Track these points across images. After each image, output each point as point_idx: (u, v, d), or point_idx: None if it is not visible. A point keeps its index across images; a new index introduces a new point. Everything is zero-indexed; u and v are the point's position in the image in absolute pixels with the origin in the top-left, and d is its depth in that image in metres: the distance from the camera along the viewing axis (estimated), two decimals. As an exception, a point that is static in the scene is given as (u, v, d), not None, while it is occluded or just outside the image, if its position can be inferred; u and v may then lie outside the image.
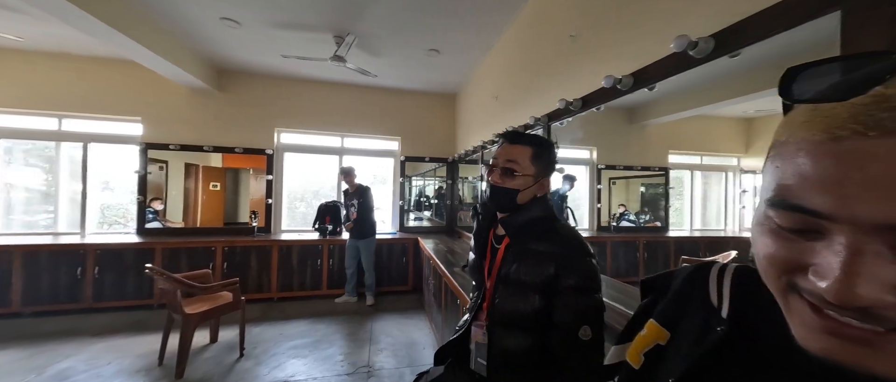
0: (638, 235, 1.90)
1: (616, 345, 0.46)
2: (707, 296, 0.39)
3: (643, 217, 1.91)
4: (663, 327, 0.40)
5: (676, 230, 1.73)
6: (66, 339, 2.63)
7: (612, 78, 1.25)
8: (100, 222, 4.02)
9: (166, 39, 2.85)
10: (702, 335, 0.37)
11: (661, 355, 0.39)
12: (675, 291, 0.43)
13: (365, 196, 3.47)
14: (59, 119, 3.52)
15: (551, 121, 1.87)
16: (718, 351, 0.34)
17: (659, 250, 1.84)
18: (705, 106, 1.36)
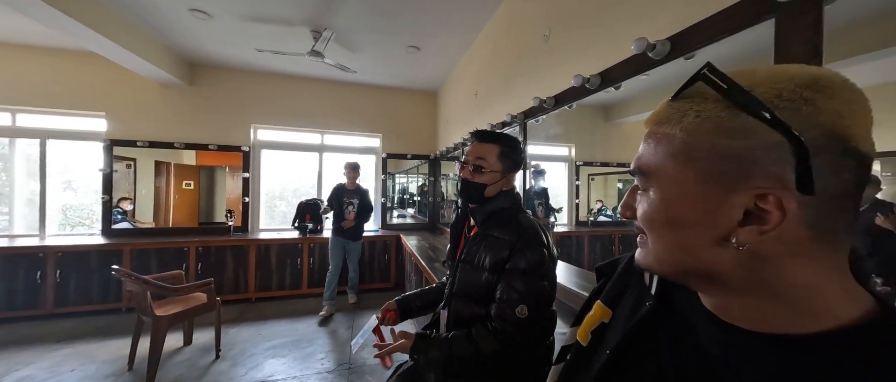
0: (614, 229, 1.98)
1: (571, 327, 0.50)
2: (642, 276, 0.44)
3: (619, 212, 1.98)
4: (607, 306, 0.45)
5: None
6: (24, 347, 2.49)
7: (581, 77, 1.30)
8: (61, 223, 3.80)
9: (130, 30, 2.71)
10: (634, 310, 0.41)
11: (605, 331, 0.43)
12: (618, 274, 0.48)
13: (367, 197, 3.35)
14: (12, 114, 3.29)
15: (527, 118, 1.92)
16: (648, 323, 0.38)
17: (633, 243, 1.93)
18: None
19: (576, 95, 1.45)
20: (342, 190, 3.30)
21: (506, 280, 0.86)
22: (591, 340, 0.44)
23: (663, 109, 0.33)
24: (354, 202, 3.28)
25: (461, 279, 0.94)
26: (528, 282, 0.84)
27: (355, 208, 3.26)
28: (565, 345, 0.49)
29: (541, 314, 0.85)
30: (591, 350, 0.43)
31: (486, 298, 0.89)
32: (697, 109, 0.30)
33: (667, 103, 0.33)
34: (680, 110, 0.31)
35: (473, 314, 0.90)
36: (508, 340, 0.82)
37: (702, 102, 0.30)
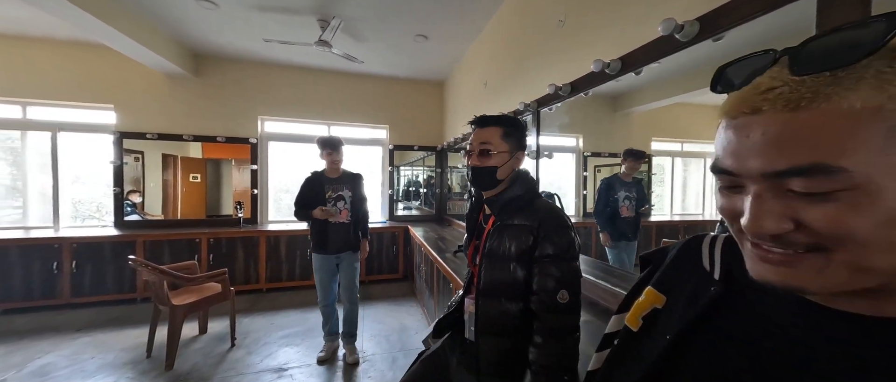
0: None
1: (615, 315, 0.50)
2: (699, 262, 0.43)
3: None
4: (660, 292, 0.44)
5: (658, 216, 1.80)
6: (44, 335, 2.54)
7: (601, 62, 1.27)
8: (72, 216, 3.84)
9: (137, 20, 2.70)
10: (695, 296, 0.41)
11: (658, 317, 0.43)
12: (671, 260, 0.47)
13: (360, 186, 2.36)
14: (23, 107, 3.30)
15: (541, 106, 1.89)
16: (712, 308, 0.38)
17: (641, 234, 1.92)
18: (686, 94, 1.41)
19: (594, 82, 1.42)
20: (320, 180, 2.25)
21: (539, 269, 0.84)
22: (642, 325, 0.44)
23: (836, 81, 0.24)
24: (344, 195, 2.27)
25: (487, 276, 0.92)
26: (561, 266, 0.83)
27: (347, 203, 2.26)
28: (609, 332, 0.49)
29: (579, 297, 0.84)
30: (642, 335, 0.43)
31: (516, 292, 0.87)
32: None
33: (831, 76, 0.25)
34: (876, 77, 0.23)
35: (503, 314, 0.88)
36: (562, 330, 0.81)
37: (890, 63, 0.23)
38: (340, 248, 2.26)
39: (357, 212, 2.31)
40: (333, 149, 2.24)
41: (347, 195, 2.29)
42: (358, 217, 2.32)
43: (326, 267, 2.26)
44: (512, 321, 0.88)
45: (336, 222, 2.23)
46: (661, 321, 0.42)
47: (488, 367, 0.89)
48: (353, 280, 2.31)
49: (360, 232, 2.35)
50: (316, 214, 2.14)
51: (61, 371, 2.09)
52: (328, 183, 2.25)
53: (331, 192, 2.24)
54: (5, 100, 3.24)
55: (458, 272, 1.92)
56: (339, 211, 2.25)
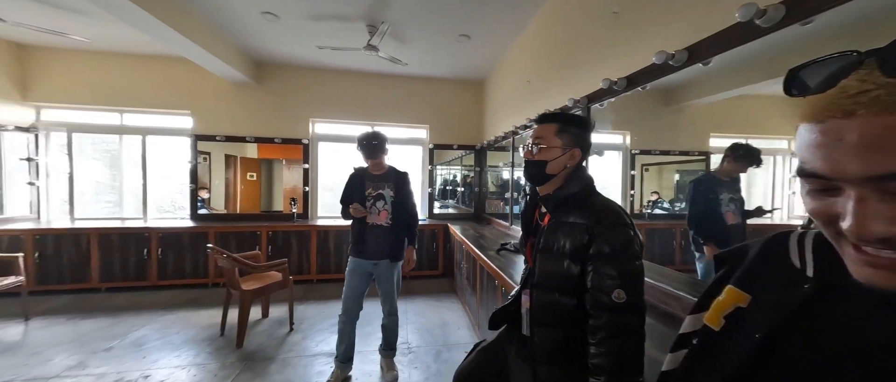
0: (675, 223, 1.86)
1: (691, 315, 0.50)
2: (787, 259, 0.42)
3: (678, 205, 1.86)
4: (743, 291, 0.43)
5: None
6: (138, 311, 2.95)
7: (665, 54, 1.22)
8: (156, 210, 4.38)
9: (212, 35, 3.02)
10: (785, 293, 0.40)
11: (742, 315, 0.42)
12: (753, 257, 0.46)
13: (406, 185, 2.11)
14: (120, 114, 3.84)
15: (591, 102, 1.85)
16: (807, 305, 0.37)
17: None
18: (755, 84, 1.30)
19: (654, 75, 1.36)
20: (361, 177, 2.06)
21: (593, 267, 0.83)
22: (724, 324, 0.43)
23: None
24: (385, 194, 2.03)
25: (541, 269, 0.93)
26: (618, 265, 0.81)
27: (388, 203, 2.02)
28: (685, 332, 0.49)
29: (639, 297, 0.82)
30: (724, 334, 0.43)
31: (570, 287, 0.87)
32: None
33: None
34: None
35: (556, 303, 0.89)
36: (619, 329, 0.79)
37: None
38: (377, 254, 1.99)
39: (400, 214, 2.04)
40: (371, 154, 1.98)
41: (389, 195, 2.02)
42: (402, 220, 2.05)
43: (358, 272, 2.01)
44: (566, 314, 0.88)
45: (373, 223, 2.00)
46: (747, 320, 0.41)
47: (544, 357, 0.91)
48: (390, 292, 2.06)
49: (405, 238, 2.08)
50: (350, 212, 1.96)
51: (154, 343, 2.42)
52: (369, 180, 2.04)
53: (371, 190, 2.02)
54: (106, 108, 3.78)
55: (505, 270, 1.93)
56: (378, 212, 1.99)
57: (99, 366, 2.12)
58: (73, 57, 3.62)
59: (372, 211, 2.00)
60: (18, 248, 3.09)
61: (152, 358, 2.22)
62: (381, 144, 2.01)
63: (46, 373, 2.04)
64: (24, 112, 3.59)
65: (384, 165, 2.08)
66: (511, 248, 2.44)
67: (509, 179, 3.51)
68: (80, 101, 3.69)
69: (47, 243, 3.24)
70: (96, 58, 3.66)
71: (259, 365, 2.16)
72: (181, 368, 2.12)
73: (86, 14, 2.80)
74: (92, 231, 3.32)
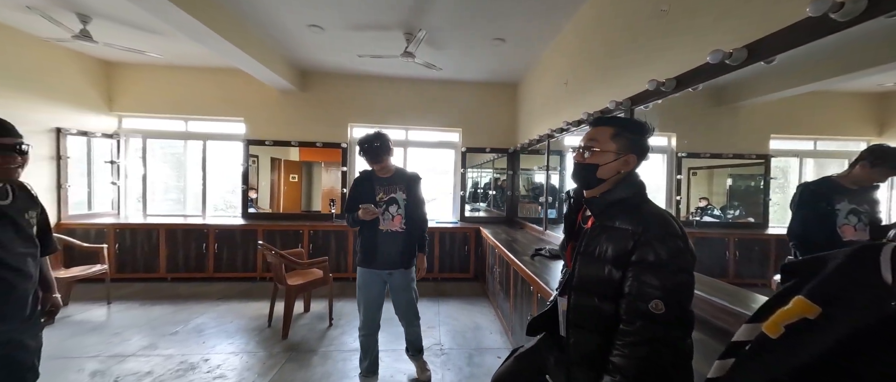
0: (727, 231, 1.73)
1: (747, 323, 0.49)
2: (875, 274, 0.40)
3: (732, 213, 1.73)
4: (814, 303, 0.42)
5: (779, 227, 1.54)
6: (198, 300, 3.25)
7: (720, 53, 1.15)
8: (212, 208, 4.81)
9: (263, 47, 3.28)
10: (868, 310, 0.38)
11: (809, 328, 0.41)
12: (834, 269, 0.44)
13: (417, 188, 1.98)
14: (185, 121, 4.27)
15: (635, 104, 1.77)
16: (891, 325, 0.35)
17: (755, 249, 1.66)
18: (826, 80, 1.18)
19: (708, 74, 1.28)
20: (370, 180, 1.93)
21: (634, 275, 0.80)
22: (783, 333, 0.42)
23: None
24: (398, 198, 1.90)
25: (581, 272, 0.91)
26: (661, 275, 0.77)
27: (401, 208, 1.90)
28: (738, 341, 0.48)
29: (684, 311, 0.77)
30: (780, 343, 0.42)
31: (610, 293, 0.85)
32: None
33: None
34: None
35: (595, 307, 0.87)
36: (652, 339, 0.76)
37: None
38: (391, 262, 1.87)
39: (413, 219, 1.92)
40: (375, 158, 1.84)
41: (401, 199, 1.91)
42: (415, 225, 1.93)
43: (373, 285, 1.89)
44: (604, 319, 0.85)
45: (387, 230, 1.86)
46: (814, 332, 0.40)
47: (579, 359, 0.89)
48: (409, 301, 1.97)
49: (415, 245, 1.96)
50: (360, 214, 1.80)
51: (211, 330, 2.66)
52: (379, 184, 1.90)
53: (382, 194, 1.89)
54: (174, 117, 4.23)
55: (540, 276, 1.90)
56: (391, 217, 1.88)
57: (167, 348, 2.37)
58: (148, 71, 4.09)
59: (385, 217, 1.86)
60: (103, 240, 3.53)
61: (210, 344, 2.44)
62: (385, 145, 1.86)
63: (125, 351, 2.31)
64: (109, 121, 4.11)
65: (391, 166, 1.94)
66: (546, 253, 2.40)
67: (544, 182, 3.44)
68: (153, 110, 4.16)
69: (126, 236, 3.68)
70: (167, 72, 4.10)
71: (302, 357, 2.30)
72: (234, 354, 2.31)
73: (160, 33, 3.16)
74: (161, 227, 3.72)
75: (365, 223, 1.86)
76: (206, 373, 2.09)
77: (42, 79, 3.37)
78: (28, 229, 1.17)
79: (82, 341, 2.43)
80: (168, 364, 2.18)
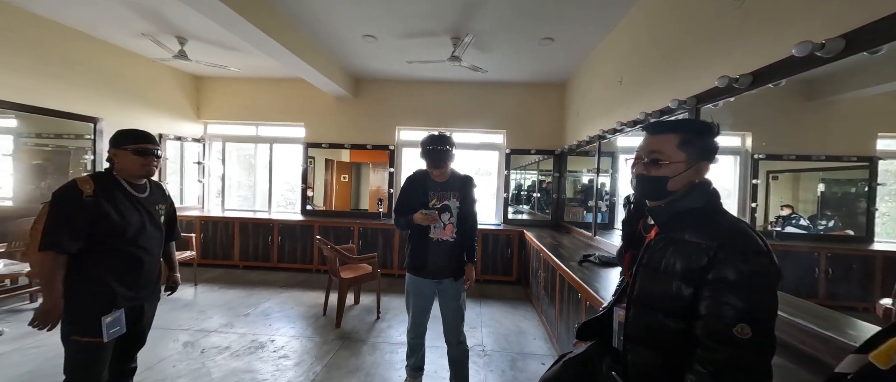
0: (818, 245, 1.50)
1: (854, 354, 0.45)
2: None
3: (823, 224, 1.50)
4: None
5: (888, 243, 1.31)
6: (264, 287, 3.63)
7: (809, 44, 1.02)
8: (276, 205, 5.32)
9: (323, 58, 3.56)
10: None
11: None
12: None
13: (471, 192, 1.86)
14: (256, 126, 4.79)
15: (701, 103, 1.63)
16: None
17: (854, 266, 1.42)
18: None
19: (793, 69, 1.14)
20: (423, 182, 1.82)
21: (712, 294, 0.73)
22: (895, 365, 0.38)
23: None
24: (451, 205, 1.79)
25: (642, 286, 0.86)
26: (745, 296, 0.70)
27: (454, 216, 1.79)
28: (841, 372, 0.44)
29: (769, 336, 0.70)
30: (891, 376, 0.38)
31: (678, 311, 0.79)
32: None
33: None
34: None
35: (659, 324, 0.82)
36: (737, 367, 0.69)
37: None
38: (441, 272, 1.77)
39: (464, 227, 1.79)
40: (436, 163, 1.74)
41: (455, 207, 1.78)
42: (465, 234, 1.80)
43: (422, 293, 1.82)
44: (668, 337, 0.80)
45: (437, 239, 1.76)
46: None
47: (638, 376, 0.85)
48: (457, 314, 1.82)
49: (465, 254, 1.82)
50: (417, 219, 1.70)
51: (276, 314, 2.96)
52: (433, 188, 1.79)
53: (435, 199, 1.77)
54: (247, 122, 4.77)
55: (589, 283, 1.83)
56: (443, 225, 1.76)
57: (241, 327, 2.69)
58: (228, 84, 4.67)
59: (436, 225, 1.75)
60: (191, 230, 4.10)
61: (276, 326, 2.72)
62: (449, 151, 1.74)
63: (209, 327, 2.67)
64: (197, 128, 4.76)
65: (447, 171, 1.81)
66: (596, 260, 2.29)
67: (593, 186, 3.28)
68: (230, 117, 4.73)
69: (208, 227, 4.24)
70: (242, 83, 4.65)
71: (354, 345, 2.47)
72: (295, 338, 2.55)
73: (239, 50, 3.59)
74: (235, 220, 4.22)
75: (416, 229, 1.76)
76: (272, 352, 2.34)
77: (148, 93, 4.02)
78: (157, 218, 1.44)
79: (177, 316, 2.85)
80: (242, 341, 2.47)
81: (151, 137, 1.40)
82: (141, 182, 1.41)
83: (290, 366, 2.18)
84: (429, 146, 1.74)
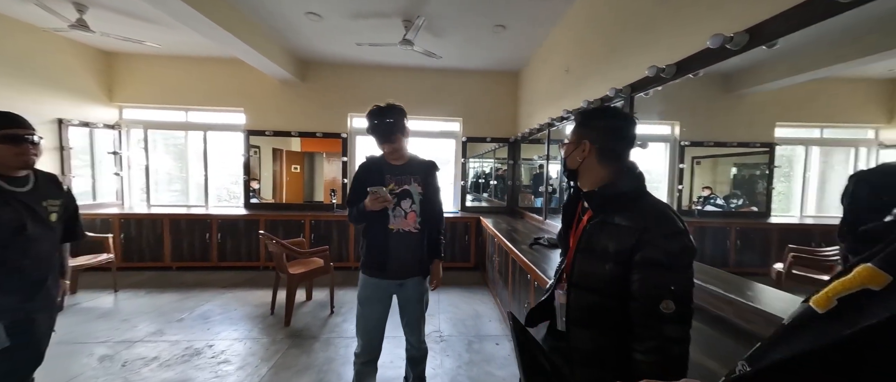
0: (729, 220, 1.72)
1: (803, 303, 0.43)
2: None
3: (735, 202, 1.72)
4: (884, 271, 0.36)
5: (782, 217, 1.53)
6: (203, 288, 3.31)
7: (721, 37, 1.12)
8: (216, 198, 4.85)
9: (262, 37, 3.24)
10: None
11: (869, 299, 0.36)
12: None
13: (434, 179, 1.67)
14: (185, 112, 4.27)
15: (635, 92, 1.75)
16: None
17: (756, 238, 1.66)
18: (835, 65, 1.16)
19: (709, 60, 1.26)
20: (379, 167, 1.58)
21: (641, 274, 0.79)
22: (834, 307, 0.38)
23: None
24: (412, 191, 1.57)
25: (580, 269, 0.91)
26: (668, 275, 0.77)
27: (416, 203, 1.56)
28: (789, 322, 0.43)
29: (690, 307, 0.78)
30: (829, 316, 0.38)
31: (613, 290, 0.84)
32: None
33: None
34: None
35: (597, 304, 0.87)
36: (666, 339, 0.76)
37: None
38: (405, 271, 1.54)
39: (429, 216, 1.58)
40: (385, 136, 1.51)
41: (417, 192, 1.56)
42: (430, 224, 1.60)
43: (378, 300, 1.54)
44: (606, 316, 0.85)
45: (398, 230, 1.51)
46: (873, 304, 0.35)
47: (582, 358, 0.89)
48: (420, 317, 1.64)
49: (432, 248, 1.63)
50: (368, 204, 1.44)
51: (217, 317, 2.72)
52: (391, 172, 1.56)
53: (393, 184, 1.54)
54: (174, 107, 4.23)
55: (538, 265, 1.91)
56: (404, 214, 1.53)
57: (174, 334, 2.42)
58: (148, 62, 4.08)
59: (396, 213, 1.52)
60: (108, 229, 3.58)
61: (216, 330, 2.50)
62: (399, 121, 1.50)
63: (134, 337, 2.37)
64: (110, 112, 4.12)
65: (405, 152, 1.60)
66: (545, 242, 2.41)
67: (544, 172, 3.42)
68: (153, 101, 4.16)
69: (130, 226, 3.74)
70: (166, 62, 4.09)
71: (305, 343, 2.35)
72: (239, 341, 2.36)
73: (157, 23, 3.13)
74: (165, 216, 3.76)
75: (372, 220, 1.51)
76: (210, 358, 2.14)
77: (41, 69, 3.37)
78: (45, 216, 1.23)
79: (91, 327, 2.49)
80: (174, 349, 2.23)
81: (23, 121, 1.18)
82: (20, 175, 1.18)
83: (232, 371, 2.02)
84: (374, 119, 1.51)
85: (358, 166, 1.63)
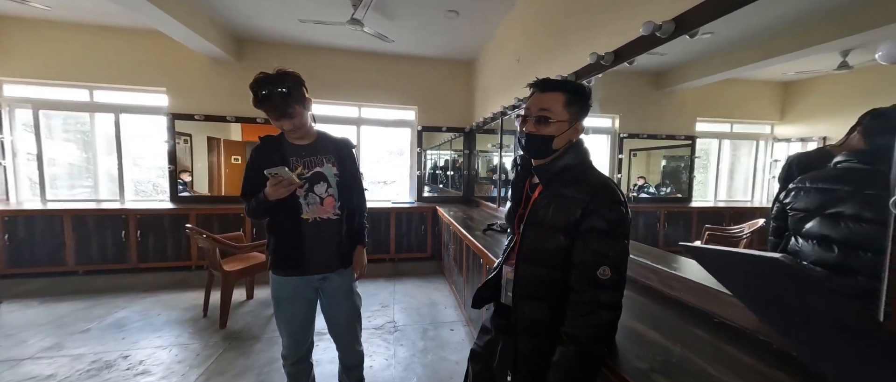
0: (659, 205, 1.90)
1: None
2: None
3: (664, 190, 1.90)
4: None
5: (700, 202, 1.71)
6: (119, 294, 2.88)
7: (652, 24, 1.19)
8: (134, 193, 4.24)
9: (186, 5, 2.85)
10: None
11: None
12: None
13: (351, 160, 1.44)
14: (90, 90, 3.63)
15: (579, 79, 1.82)
16: None
17: (680, 220, 1.85)
18: (739, 68, 1.31)
19: (642, 47, 1.34)
20: (279, 148, 1.34)
21: (583, 242, 0.81)
22: None
23: None
24: (326, 172, 1.35)
25: (529, 242, 0.91)
26: (608, 242, 0.79)
27: (333, 185, 1.35)
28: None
29: (624, 274, 0.81)
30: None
31: (560, 262, 0.86)
32: None
33: None
34: None
35: (545, 276, 0.88)
36: (600, 304, 0.78)
37: None
38: (327, 264, 1.35)
39: (350, 200, 1.39)
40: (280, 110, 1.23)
41: (332, 173, 1.35)
42: (351, 209, 1.40)
43: (300, 297, 1.34)
44: (553, 287, 0.87)
45: (315, 219, 1.30)
46: None
47: (526, 329, 0.90)
48: (352, 311, 1.44)
49: (354, 235, 1.43)
50: (270, 192, 1.18)
51: (135, 324, 2.38)
52: (294, 153, 1.32)
53: (301, 168, 1.30)
54: (75, 84, 3.58)
55: (490, 249, 1.94)
56: (319, 200, 1.31)
57: (77, 347, 2.07)
58: (36, 28, 3.38)
59: (309, 200, 1.29)
60: (-14, 230, 2.95)
61: (132, 339, 2.18)
62: (296, 91, 1.23)
63: (21, 354, 1.98)
64: (-15, 87, 3.37)
65: (310, 128, 1.35)
66: (498, 227, 2.46)
67: (498, 161, 3.49)
68: (45, 76, 3.47)
69: (18, 225, 3.11)
70: (62, 29, 3.43)
71: (244, 344, 2.15)
72: (162, 348, 2.09)
73: (45, -21, 2.60)
74: (65, 213, 3.19)
75: (279, 212, 1.27)
76: (125, 370, 1.86)
77: None
78: None
79: (-40, 348, 2.04)
80: (77, 364, 1.90)
81: None
82: None
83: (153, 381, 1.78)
84: (262, 89, 1.20)
85: (252, 151, 1.33)
